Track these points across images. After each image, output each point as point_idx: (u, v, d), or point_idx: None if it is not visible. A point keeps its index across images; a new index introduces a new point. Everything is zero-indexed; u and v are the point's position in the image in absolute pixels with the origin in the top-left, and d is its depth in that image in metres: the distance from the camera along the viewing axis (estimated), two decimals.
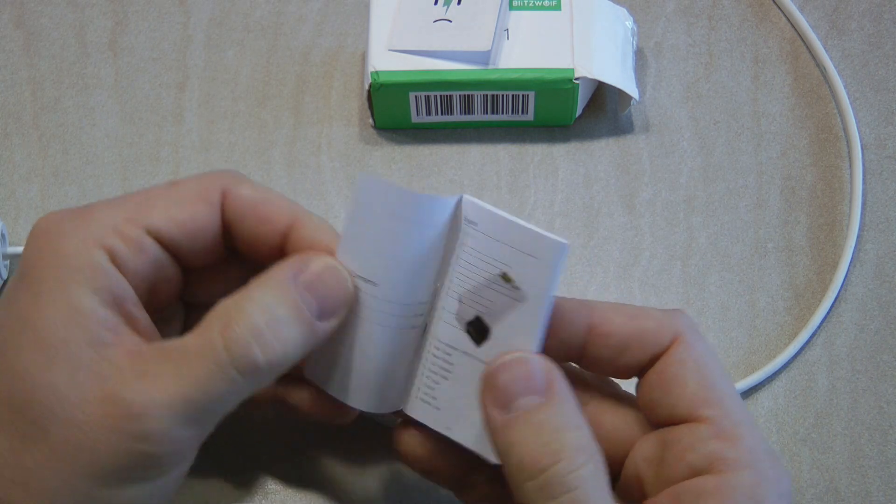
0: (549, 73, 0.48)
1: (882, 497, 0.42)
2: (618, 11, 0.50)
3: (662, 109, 0.51)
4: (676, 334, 0.33)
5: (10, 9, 0.53)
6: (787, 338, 0.46)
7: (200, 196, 0.34)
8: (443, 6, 0.49)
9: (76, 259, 0.31)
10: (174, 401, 0.30)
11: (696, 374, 0.32)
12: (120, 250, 0.32)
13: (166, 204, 0.34)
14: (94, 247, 0.32)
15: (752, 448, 0.31)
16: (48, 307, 0.31)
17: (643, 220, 0.48)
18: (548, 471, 0.30)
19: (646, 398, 0.34)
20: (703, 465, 0.31)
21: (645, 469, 0.33)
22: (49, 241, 0.32)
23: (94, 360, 0.31)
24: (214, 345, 0.31)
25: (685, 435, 0.32)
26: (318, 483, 0.43)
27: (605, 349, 0.33)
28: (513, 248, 0.33)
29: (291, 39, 0.53)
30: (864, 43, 0.53)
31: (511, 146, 0.50)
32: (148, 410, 0.30)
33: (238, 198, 0.34)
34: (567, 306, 0.33)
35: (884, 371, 0.45)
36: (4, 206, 0.49)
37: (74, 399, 0.30)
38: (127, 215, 0.33)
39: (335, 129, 0.51)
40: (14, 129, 0.51)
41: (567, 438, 0.30)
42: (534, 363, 0.32)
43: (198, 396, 0.30)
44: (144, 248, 0.33)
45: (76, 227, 0.32)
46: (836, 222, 0.48)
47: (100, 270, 0.31)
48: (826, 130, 0.50)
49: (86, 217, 0.33)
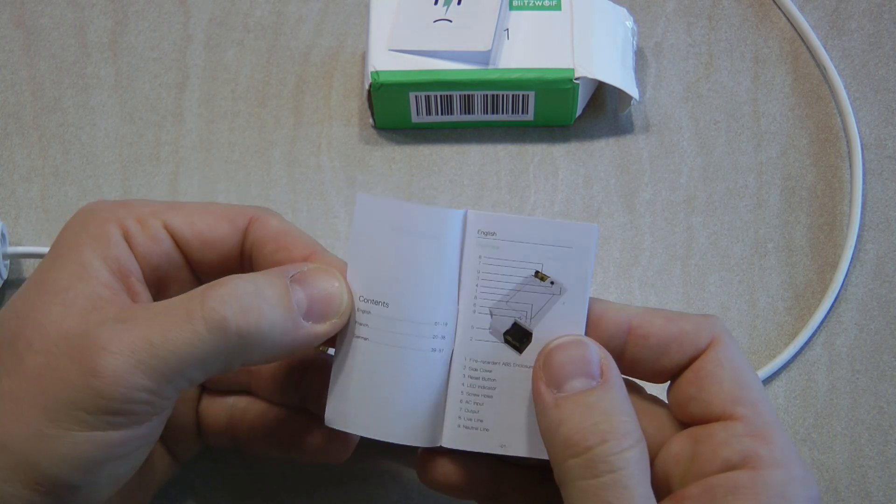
0: (549, 73, 0.48)
1: (882, 497, 0.42)
2: (618, 11, 0.50)
3: (662, 109, 0.51)
4: (714, 336, 0.34)
5: (10, 9, 0.53)
6: (787, 338, 0.46)
7: (226, 216, 0.36)
8: (443, 6, 0.49)
9: (94, 230, 0.34)
10: (136, 341, 0.31)
11: (733, 374, 0.33)
12: (136, 233, 0.34)
13: (192, 212, 0.36)
14: (113, 224, 0.34)
15: (783, 448, 0.32)
16: (60, 263, 0.33)
17: (643, 220, 0.48)
18: (594, 449, 0.30)
19: (679, 396, 0.34)
20: (737, 460, 0.32)
21: (673, 467, 0.33)
22: (80, 219, 0.35)
23: (86, 307, 0.32)
24: (192, 297, 0.32)
25: (719, 431, 0.32)
26: (319, 483, 0.43)
27: (645, 350, 0.34)
28: (543, 246, 0.33)
29: (291, 39, 0.53)
30: (864, 43, 0.53)
31: (511, 146, 0.50)
32: (108, 346, 0.30)
33: (263, 226, 0.36)
34: (607, 309, 0.34)
35: (884, 371, 0.45)
36: (4, 206, 0.49)
37: (54, 334, 0.31)
38: (153, 210, 0.35)
39: (335, 129, 0.51)
40: (14, 129, 0.51)
41: (616, 422, 0.31)
42: (591, 347, 0.32)
43: (159, 341, 0.31)
44: (159, 238, 0.35)
45: (106, 210, 0.35)
46: (836, 222, 0.48)
47: (112, 242, 0.34)
48: (826, 130, 0.50)
49: (117, 205, 0.35)
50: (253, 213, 0.36)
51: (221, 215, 0.36)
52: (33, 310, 0.32)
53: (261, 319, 0.31)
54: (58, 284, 0.33)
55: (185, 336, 0.31)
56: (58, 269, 0.33)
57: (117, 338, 0.31)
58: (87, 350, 0.31)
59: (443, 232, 0.34)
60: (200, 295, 0.32)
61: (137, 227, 0.34)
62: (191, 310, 0.31)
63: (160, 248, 0.35)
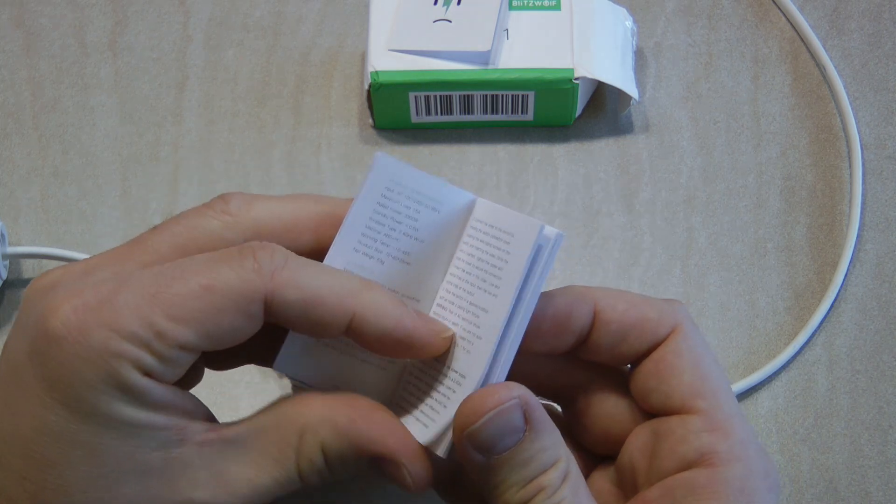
0: (549, 73, 0.48)
1: (882, 497, 0.42)
2: (618, 11, 0.50)
3: (662, 109, 0.51)
4: (675, 325, 0.33)
5: (10, 9, 0.53)
6: (786, 338, 0.46)
7: (239, 307, 0.29)
8: (443, 6, 0.49)
9: (113, 378, 0.28)
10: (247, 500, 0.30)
11: (692, 365, 0.33)
12: (153, 367, 0.29)
13: (200, 312, 0.29)
14: (128, 365, 0.29)
15: (742, 441, 0.32)
16: (104, 426, 0.29)
17: (643, 220, 0.48)
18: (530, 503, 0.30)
19: (640, 386, 0.34)
20: (694, 457, 0.31)
21: (638, 459, 0.33)
22: (72, 346, 0.28)
23: (166, 461, 0.29)
24: (288, 462, 0.31)
25: (677, 427, 0.32)
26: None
27: (606, 336, 0.33)
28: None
29: (291, 39, 0.53)
30: (863, 43, 0.53)
31: (511, 146, 0.50)
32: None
33: (283, 305, 0.30)
34: (574, 293, 0.34)
35: (884, 371, 0.45)
36: (4, 206, 0.49)
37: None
38: (156, 328, 0.29)
39: (335, 129, 0.51)
40: (14, 129, 0.51)
41: (543, 465, 0.31)
42: (511, 410, 0.31)
43: (261, 500, 0.31)
44: (176, 362, 0.30)
45: (100, 333, 0.29)
46: (836, 222, 0.48)
47: (137, 389, 0.29)
48: (826, 130, 0.50)
49: (108, 321, 0.29)
50: (264, 288, 0.29)
51: (233, 307, 0.29)
52: (97, 486, 0.29)
53: (344, 468, 0.32)
54: (115, 452, 0.29)
55: (289, 489, 0.31)
56: (98, 431, 0.29)
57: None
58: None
59: (454, 214, 0.33)
60: (296, 456, 0.31)
61: (152, 360, 0.29)
62: (290, 474, 0.31)
63: (179, 370, 0.30)
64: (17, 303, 0.46)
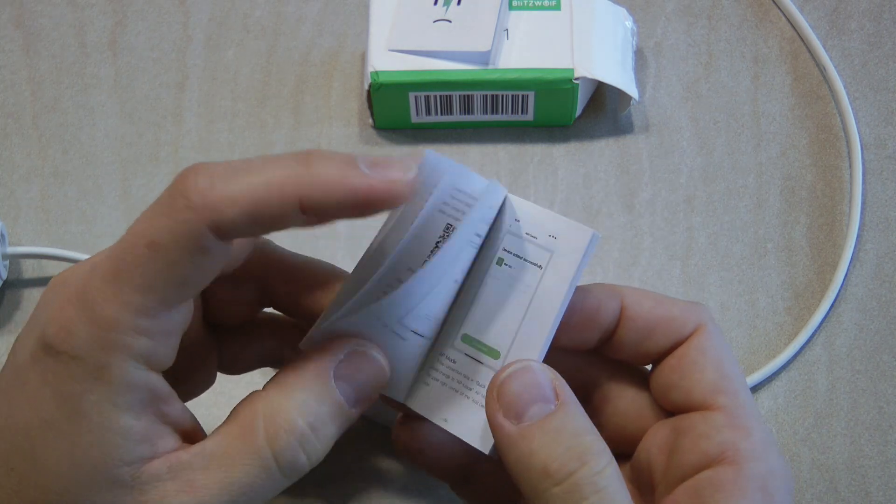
0: (549, 73, 0.48)
1: (882, 497, 0.42)
2: (617, 11, 0.50)
3: (662, 109, 0.51)
4: (699, 324, 0.34)
5: (10, 9, 0.53)
6: (786, 338, 0.46)
7: (189, 249, 0.29)
8: (443, 6, 0.49)
9: (113, 375, 0.29)
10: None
11: (715, 363, 0.33)
12: (150, 351, 0.29)
13: (158, 270, 0.29)
14: (126, 357, 0.29)
15: (763, 441, 0.32)
16: (85, 428, 0.29)
17: (643, 220, 0.48)
18: (576, 473, 0.30)
19: (662, 382, 0.34)
20: (716, 453, 0.31)
21: (656, 456, 0.33)
22: (63, 346, 0.29)
23: (134, 476, 0.29)
24: (261, 453, 0.30)
25: (699, 423, 0.32)
26: (318, 483, 0.43)
27: (632, 332, 0.34)
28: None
29: (291, 39, 0.53)
30: (863, 43, 0.53)
31: (511, 146, 0.50)
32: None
33: (231, 224, 0.28)
34: (603, 289, 0.34)
35: (884, 371, 0.45)
36: (4, 206, 0.49)
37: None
38: (133, 305, 0.29)
39: (335, 129, 0.51)
40: (14, 129, 0.51)
41: (588, 441, 0.30)
42: (541, 371, 0.32)
43: (243, 500, 0.30)
44: (165, 327, 0.30)
45: (84, 330, 0.29)
46: (836, 222, 0.48)
47: (134, 384, 0.29)
48: (826, 130, 0.50)
49: (90, 317, 0.29)
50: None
51: (185, 253, 0.29)
52: (76, 486, 0.29)
53: (326, 441, 0.31)
54: (91, 457, 0.29)
55: (269, 487, 0.31)
56: (84, 431, 0.29)
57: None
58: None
59: (491, 209, 0.34)
60: (269, 448, 0.30)
61: (148, 343, 0.29)
62: (267, 467, 0.30)
63: (175, 343, 0.31)
64: (17, 303, 0.46)
